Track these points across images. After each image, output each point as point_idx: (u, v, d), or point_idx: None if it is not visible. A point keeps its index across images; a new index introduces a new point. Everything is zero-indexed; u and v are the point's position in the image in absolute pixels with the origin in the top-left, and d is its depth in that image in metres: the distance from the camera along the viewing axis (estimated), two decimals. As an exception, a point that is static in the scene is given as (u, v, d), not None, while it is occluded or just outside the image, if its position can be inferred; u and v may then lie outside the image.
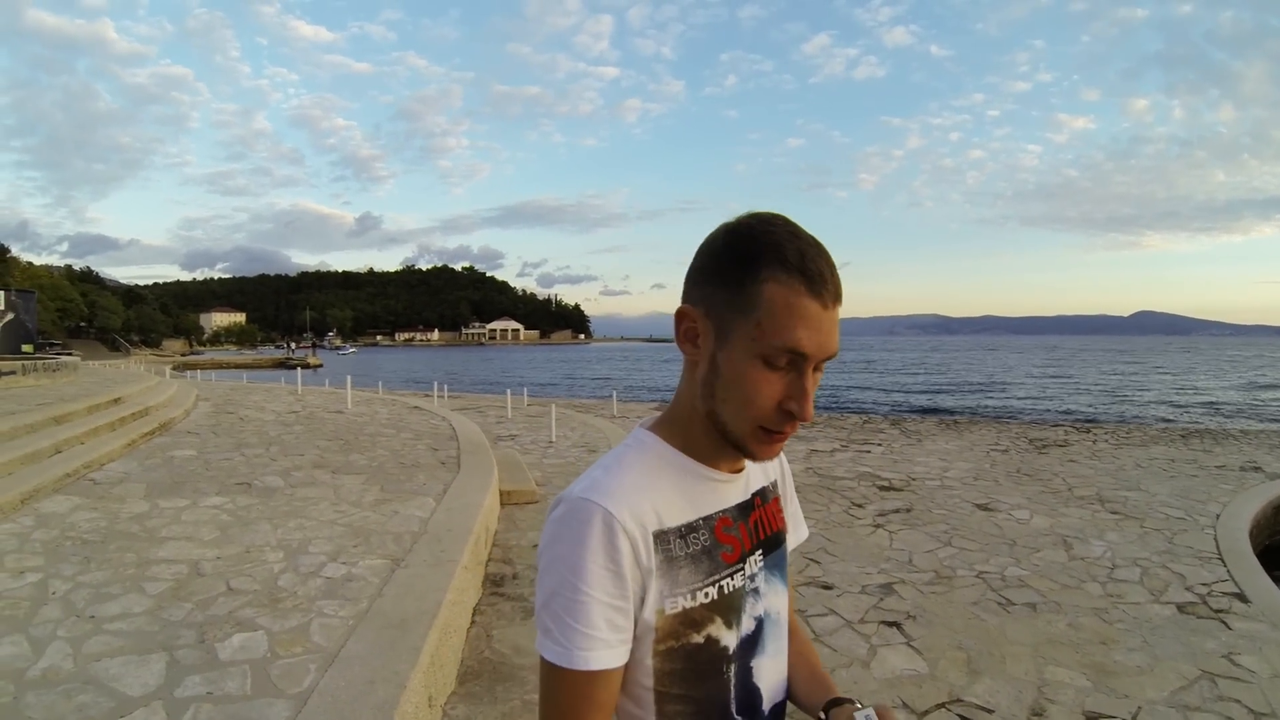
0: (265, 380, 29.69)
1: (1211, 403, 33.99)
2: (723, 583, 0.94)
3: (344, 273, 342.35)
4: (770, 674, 1.03)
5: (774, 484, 1.09)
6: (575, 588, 0.82)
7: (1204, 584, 5.71)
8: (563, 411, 14.92)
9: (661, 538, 0.88)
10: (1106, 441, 13.81)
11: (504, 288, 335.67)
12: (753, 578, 0.98)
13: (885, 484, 9.28)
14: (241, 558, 4.40)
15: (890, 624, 4.80)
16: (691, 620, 0.90)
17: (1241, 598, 5.43)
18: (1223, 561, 6.28)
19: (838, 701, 1.06)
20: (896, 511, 7.80)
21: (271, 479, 6.61)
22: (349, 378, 15.76)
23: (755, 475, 1.03)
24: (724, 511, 0.96)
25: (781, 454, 1.02)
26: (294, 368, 58.05)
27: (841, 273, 0.86)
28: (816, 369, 0.86)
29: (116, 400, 9.84)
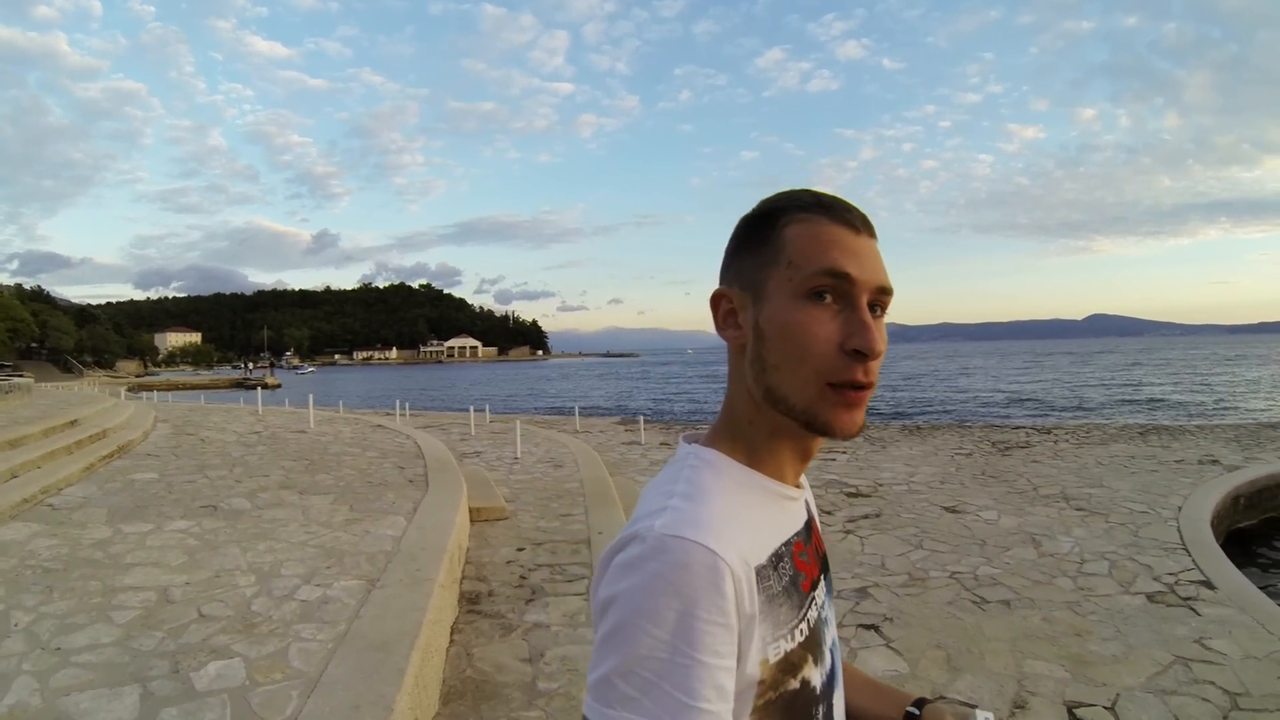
0: (224, 401, 29.12)
1: (1167, 400, 34.82)
2: (809, 615, 0.80)
3: (301, 291, 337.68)
4: (841, 706, 0.89)
5: (808, 505, 0.93)
6: (677, 649, 0.66)
7: (1171, 574, 5.87)
8: (526, 427, 14.85)
9: (763, 574, 0.74)
10: (1068, 441, 14.08)
11: (461, 305, 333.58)
12: (822, 605, 0.86)
13: (853, 490, 9.35)
14: (212, 582, 4.29)
15: (868, 627, 4.84)
16: (790, 664, 0.76)
17: (1208, 585, 5.59)
18: (1187, 551, 6.45)
19: (923, 701, 0.97)
20: (866, 517, 7.86)
21: (238, 501, 6.47)
22: (311, 397, 15.52)
23: (804, 489, 0.90)
24: (797, 534, 0.83)
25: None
26: (252, 388, 57.06)
27: None
28: (877, 311, 0.77)
29: (73, 423, 9.58)
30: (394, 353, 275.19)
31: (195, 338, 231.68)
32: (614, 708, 0.65)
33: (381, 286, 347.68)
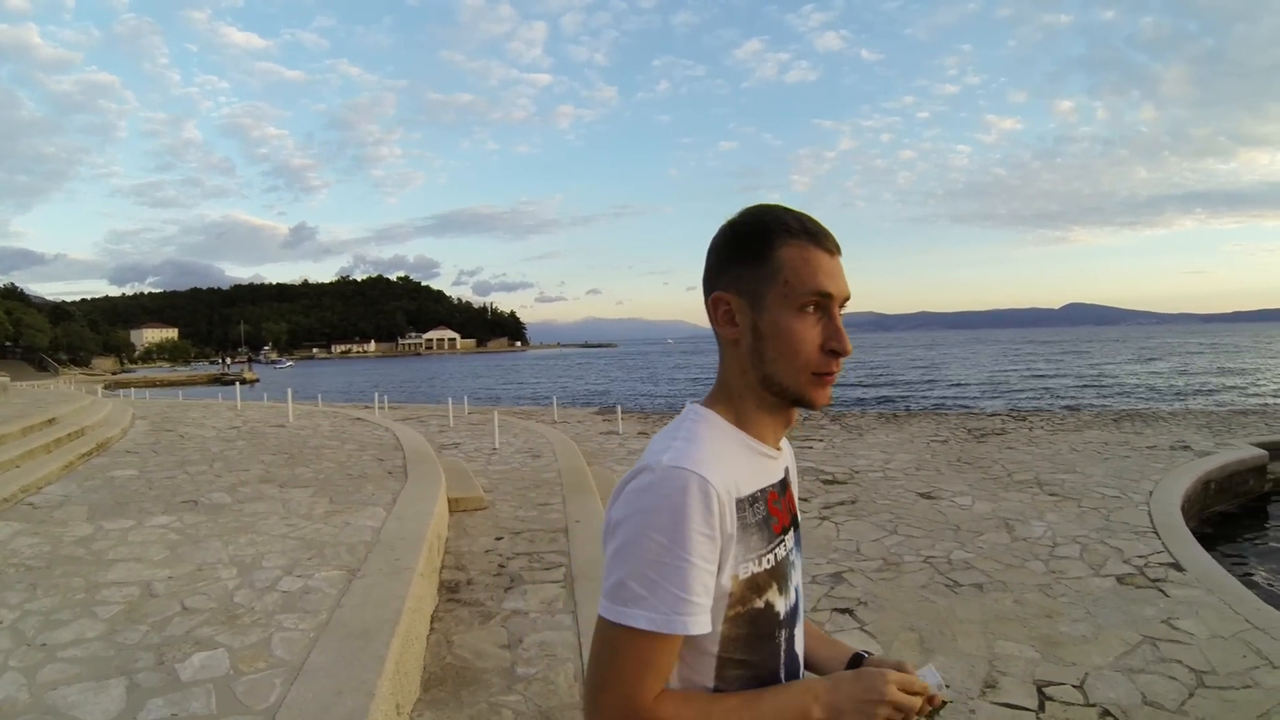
0: (202, 396, 28.96)
1: (1141, 387, 35.31)
2: (776, 550, 1.02)
3: (278, 285, 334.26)
4: (801, 640, 1.12)
5: (787, 470, 1.16)
6: (674, 554, 0.88)
7: (1141, 556, 5.99)
8: (504, 418, 14.87)
9: (739, 505, 0.95)
10: (1042, 428, 14.27)
11: (440, 297, 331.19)
12: (790, 550, 1.07)
13: (829, 478, 9.47)
14: (194, 576, 4.33)
15: (843, 610, 4.94)
16: (757, 585, 0.98)
17: (1177, 567, 5.71)
18: (1158, 535, 6.57)
19: (859, 659, 1.17)
20: (842, 504, 7.98)
21: (218, 495, 6.50)
22: (290, 391, 15.47)
23: (785, 458, 1.13)
24: (772, 485, 1.05)
25: (791, 448, 1.18)
26: (230, 383, 56.57)
27: None
28: (840, 309, 1.01)
29: (51, 421, 9.53)
30: (372, 345, 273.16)
31: (172, 334, 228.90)
32: (628, 605, 0.89)
33: (359, 279, 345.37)
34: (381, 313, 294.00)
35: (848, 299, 1.01)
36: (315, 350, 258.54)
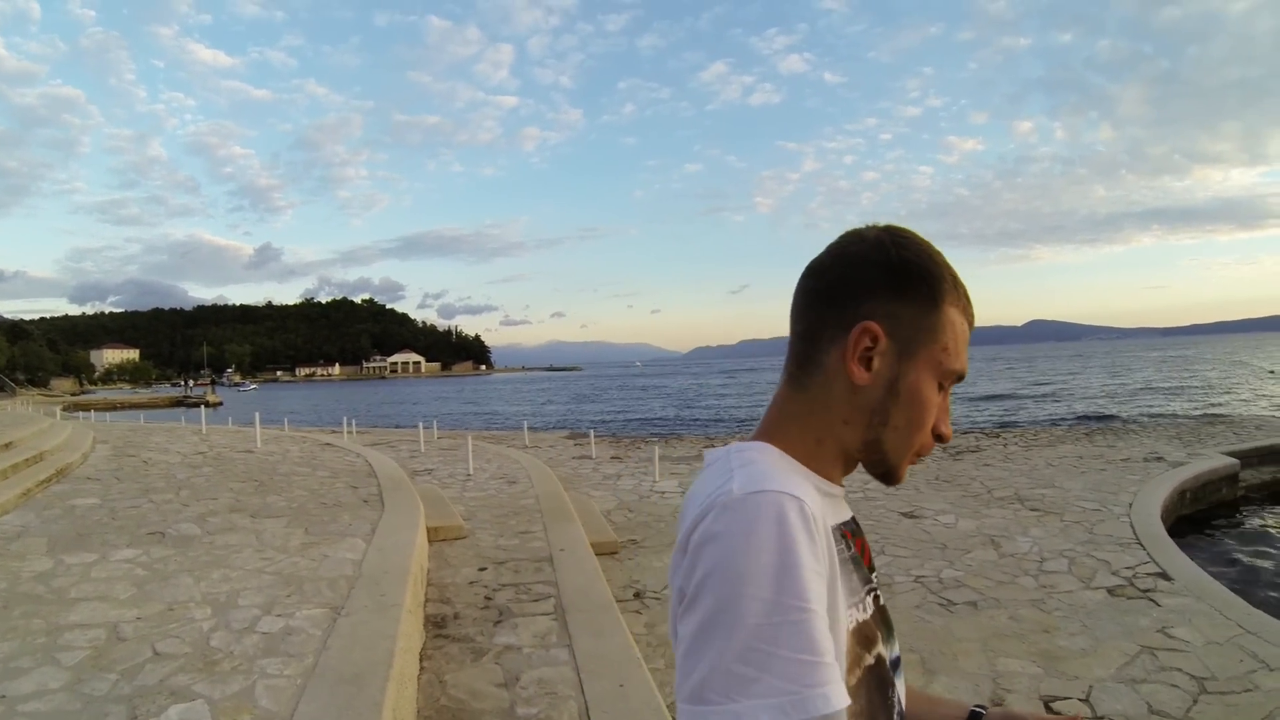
0: (164, 420, 28.26)
1: (1108, 400, 35.84)
2: (875, 591, 0.84)
3: (242, 306, 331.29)
4: (903, 696, 0.86)
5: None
6: (786, 606, 0.62)
7: (1128, 567, 6.08)
8: (476, 443, 14.64)
9: (835, 534, 0.76)
10: (1016, 444, 14.36)
11: (404, 320, 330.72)
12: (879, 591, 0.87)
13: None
14: (165, 616, 4.08)
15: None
16: (865, 637, 0.77)
17: (1165, 576, 5.81)
18: (1142, 545, 6.67)
19: (977, 715, 0.98)
20: (829, 524, 7.88)
21: (186, 526, 6.21)
22: (257, 415, 15.09)
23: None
24: (847, 523, 0.85)
25: None
26: (194, 405, 55.48)
27: (740, 295, 0.80)
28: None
29: (7, 445, 9.14)
30: (337, 369, 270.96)
31: (133, 355, 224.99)
32: (733, 699, 0.60)
33: (324, 301, 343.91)
34: (346, 335, 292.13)
35: None
36: (279, 373, 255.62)
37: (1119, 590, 5.56)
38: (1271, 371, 53.06)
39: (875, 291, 0.80)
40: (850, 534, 0.84)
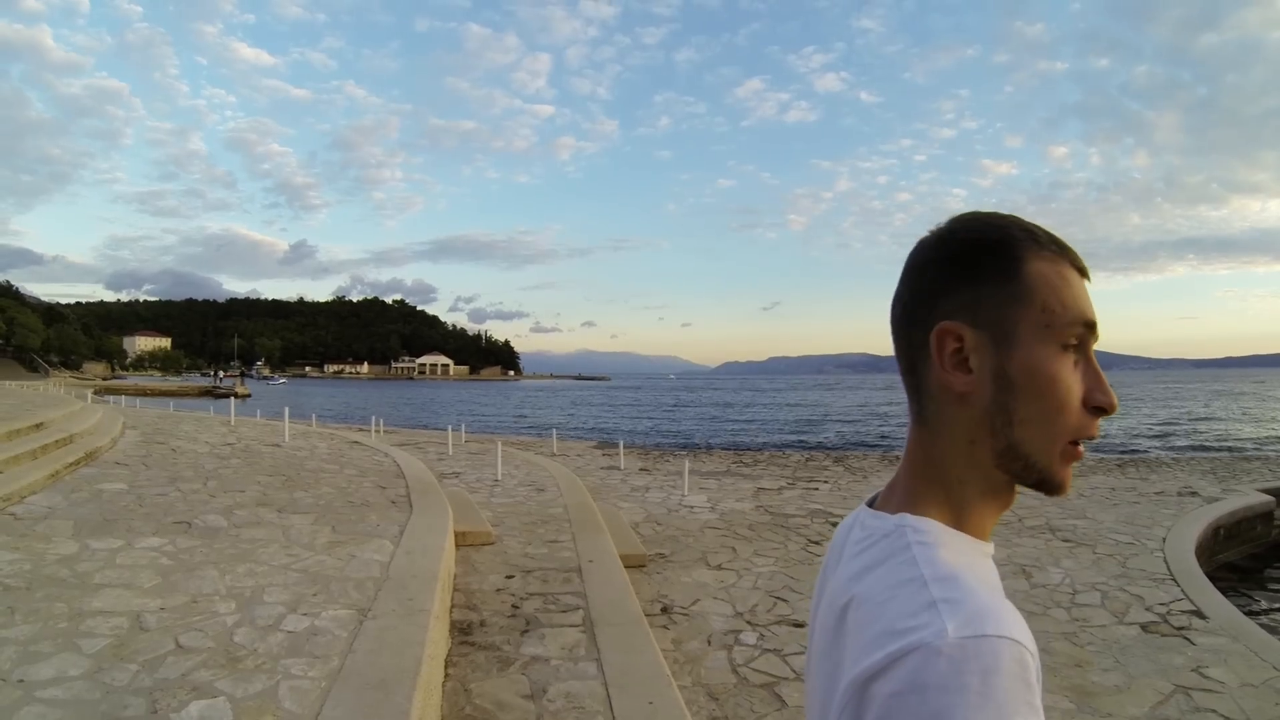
0: (193, 409, 28.49)
1: (1141, 433, 35.13)
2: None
3: (274, 301, 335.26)
4: None
5: None
6: None
7: (1162, 604, 5.97)
8: (504, 449, 14.57)
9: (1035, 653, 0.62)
10: (1050, 476, 14.07)
11: (434, 322, 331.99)
12: None
13: (838, 521, 9.17)
14: (189, 608, 3.99)
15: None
16: None
17: (1199, 614, 5.73)
18: (1176, 582, 6.56)
19: None
20: (861, 550, 7.69)
21: (213, 518, 6.15)
22: (286, 409, 15.11)
23: None
24: None
25: None
26: (223, 396, 56.09)
27: (771, 312, 0.62)
28: None
29: (38, 425, 9.16)
30: (365, 367, 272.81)
31: (165, 343, 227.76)
32: None
33: (355, 300, 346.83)
34: (376, 335, 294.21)
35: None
36: (308, 368, 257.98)
37: (1153, 627, 5.46)
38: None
39: (948, 289, 0.70)
40: None
